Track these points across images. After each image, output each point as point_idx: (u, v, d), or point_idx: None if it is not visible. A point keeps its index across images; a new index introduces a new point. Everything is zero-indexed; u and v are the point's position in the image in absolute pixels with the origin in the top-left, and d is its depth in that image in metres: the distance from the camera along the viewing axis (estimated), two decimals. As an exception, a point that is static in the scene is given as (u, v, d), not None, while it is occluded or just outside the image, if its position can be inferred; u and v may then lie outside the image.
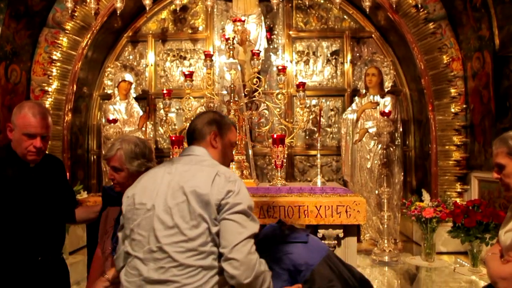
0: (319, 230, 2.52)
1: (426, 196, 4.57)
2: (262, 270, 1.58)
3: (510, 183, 1.82)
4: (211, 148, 1.81)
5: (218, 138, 1.83)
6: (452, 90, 5.13)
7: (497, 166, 1.85)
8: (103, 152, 5.44)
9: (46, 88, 5.33)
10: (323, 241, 2.53)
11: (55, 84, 5.35)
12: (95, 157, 5.89)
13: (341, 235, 2.53)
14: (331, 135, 5.84)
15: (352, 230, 2.59)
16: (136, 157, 2.11)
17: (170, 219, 1.57)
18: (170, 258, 1.54)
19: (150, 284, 1.55)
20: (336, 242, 2.55)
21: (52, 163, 2.21)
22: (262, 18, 5.42)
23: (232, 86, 3.37)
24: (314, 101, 5.83)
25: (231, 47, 3.46)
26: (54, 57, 5.31)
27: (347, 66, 5.77)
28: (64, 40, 5.32)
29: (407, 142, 5.72)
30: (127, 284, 1.61)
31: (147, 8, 4.89)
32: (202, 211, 1.56)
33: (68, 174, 5.33)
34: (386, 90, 5.28)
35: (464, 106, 5.11)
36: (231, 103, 3.34)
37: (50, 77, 5.34)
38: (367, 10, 4.79)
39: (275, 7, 5.10)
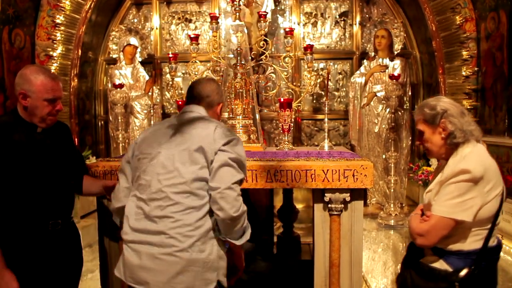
0: (326, 194, 2.53)
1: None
2: (245, 210, 1.79)
3: (429, 147, 1.98)
4: (213, 114, 2.02)
5: (221, 109, 2.08)
6: (464, 53, 4.99)
7: (418, 133, 2.02)
8: (110, 118, 5.47)
9: (51, 53, 5.28)
10: (329, 205, 2.56)
11: (59, 49, 5.30)
12: (102, 122, 5.91)
13: (348, 199, 2.54)
14: (339, 99, 5.78)
15: (359, 194, 2.60)
16: None
17: (171, 164, 1.77)
18: (168, 198, 1.74)
19: (150, 221, 1.75)
20: (342, 205, 2.56)
21: (58, 127, 2.21)
22: (269, -22, 5.25)
23: (238, 49, 3.30)
24: (322, 65, 5.74)
25: (237, 9, 3.35)
26: (58, 21, 5.23)
27: (356, 28, 5.63)
28: (66, 3, 5.22)
29: (416, 106, 5.66)
30: (135, 223, 1.79)
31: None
32: (201, 158, 1.76)
33: (76, 139, 5.38)
34: (395, 52, 5.17)
35: (476, 69, 4.99)
36: (238, 67, 3.28)
37: (55, 41, 5.27)
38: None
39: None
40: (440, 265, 1.87)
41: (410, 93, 5.28)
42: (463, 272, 1.81)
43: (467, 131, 1.88)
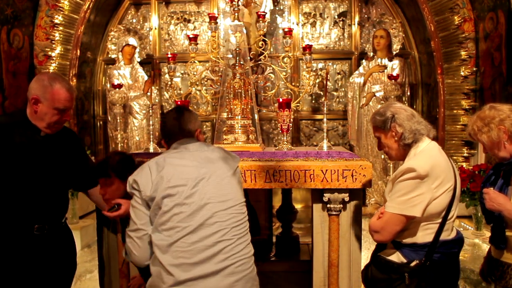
0: (324, 194, 2.54)
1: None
2: None
3: (387, 152, 2.11)
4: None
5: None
6: (463, 53, 5.00)
7: (377, 140, 2.14)
8: (109, 118, 5.46)
9: (50, 53, 5.27)
10: (328, 205, 2.56)
11: (58, 49, 5.29)
12: (101, 122, 5.91)
13: (347, 199, 2.54)
14: (337, 99, 5.78)
15: (358, 194, 2.61)
16: None
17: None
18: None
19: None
20: (341, 206, 2.56)
21: (64, 133, 2.20)
22: (268, -22, 5.25)
23: (237, 49, 3.30)
24: (320, 65, 5.74)
25: (236, 9, 3.35)
26: (56, 21, 5.21)
27: (355, 28, 5.63)
28: (65, 3, 5.20)
29: (414, 106, 5.65)
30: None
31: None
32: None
33: (75, 139, 5.36)
34: (394, 53, 5.17)
35: (474, 69, 5.00)
36: (237, 67, 3.28)
37: (53, 41, 5.26)
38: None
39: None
40: (397, 257, 1.97)
41: (408, 93, 5.28)
42: (413, 263, 1.92)
43: (415, 130, 1.99)
